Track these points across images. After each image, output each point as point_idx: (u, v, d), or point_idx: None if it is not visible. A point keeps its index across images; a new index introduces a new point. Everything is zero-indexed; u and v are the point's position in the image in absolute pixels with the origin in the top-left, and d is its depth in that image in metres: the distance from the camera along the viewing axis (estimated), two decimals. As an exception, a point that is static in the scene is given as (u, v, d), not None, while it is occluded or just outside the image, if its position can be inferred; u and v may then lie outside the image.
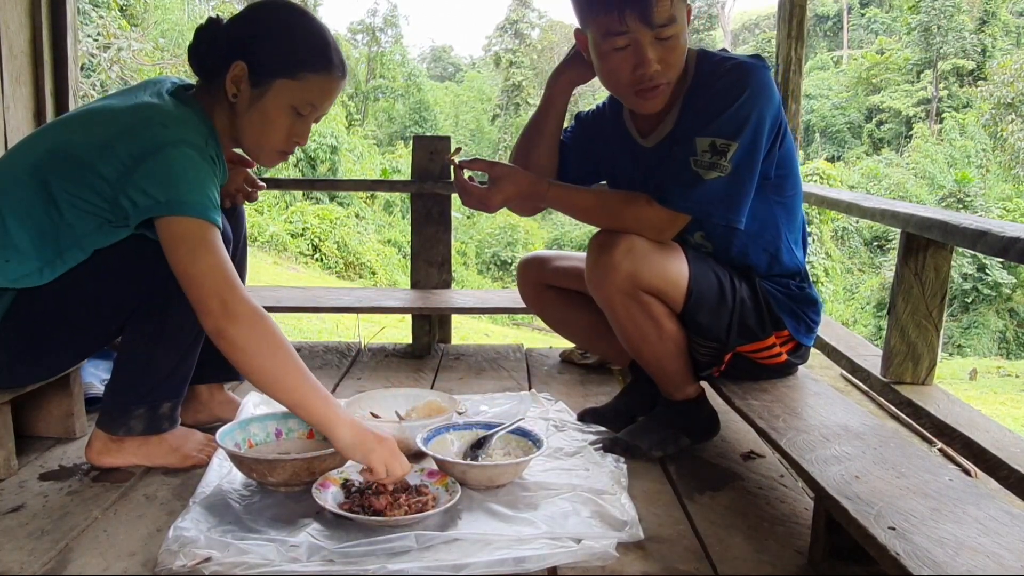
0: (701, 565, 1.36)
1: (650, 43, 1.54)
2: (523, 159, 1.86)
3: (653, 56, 1.55)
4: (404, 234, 18.24)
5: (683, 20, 1.56)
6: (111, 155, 1.42)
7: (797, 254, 1.77)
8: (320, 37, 1.54)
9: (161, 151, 1.40)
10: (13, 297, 1.49)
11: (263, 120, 1.53)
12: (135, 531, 1.42)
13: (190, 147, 1.42)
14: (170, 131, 1.43)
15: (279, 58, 1.50)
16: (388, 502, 1.42)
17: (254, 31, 1.52)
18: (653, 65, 1.56)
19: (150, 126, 1.43)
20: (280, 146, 1.58)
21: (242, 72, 1.50)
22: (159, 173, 1.39)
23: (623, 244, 1.60)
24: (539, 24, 33.79)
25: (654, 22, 1.52)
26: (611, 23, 1.54)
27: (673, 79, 1.61)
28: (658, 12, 1.51)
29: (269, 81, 1.51)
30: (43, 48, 2.70)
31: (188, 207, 1.39)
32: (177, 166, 1.40)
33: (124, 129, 1.44)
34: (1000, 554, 1.04)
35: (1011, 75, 21.01)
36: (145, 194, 1.39)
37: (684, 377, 1.80)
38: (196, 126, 1.49)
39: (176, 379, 1.65)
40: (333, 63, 1.54)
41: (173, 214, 1.39)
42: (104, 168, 1.42)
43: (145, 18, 13.93)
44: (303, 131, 1.58)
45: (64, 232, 1.47)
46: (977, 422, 1.76)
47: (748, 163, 1.56)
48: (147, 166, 1.39)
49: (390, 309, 2.86)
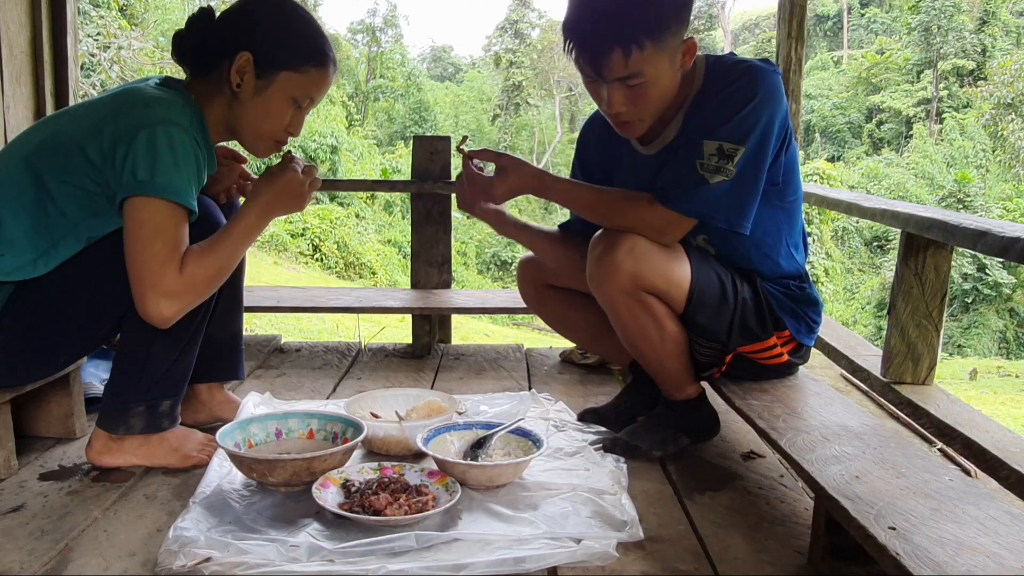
0: (701, 565, 1.36)
1: (612, 87, 1.53)
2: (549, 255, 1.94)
3: (617, 99, 1.54)
4: (404, 234, 18.24)
5: (661, 70, 1.51)
6: (97, 138, 1.45)
7: (797, 257, 1.77)
8: (320, 32, 1.62)
9: (144, 130, 1.43)
10: (10, 292, 1.50)
11: (265, 111, 1.58)
12: (135, 531, 1.42)
13: (174, 127, 1.45)
14: (153, 111, 1.46)
15: (285, 51, 1.55)
16: (388, 502, 1.42)
17: (258, 23, 1.55)
18: (615, 107, 1.56)
19: (134, 107, 1.47)
20: (277, 136, 1.63)
21: (247, 63, 1.53)
22: (141, 152, 1.42)
23: (626, 244, 1.60)
24: (539, 24, 33.78)
25: (606, 77, 1.52)
26: (578, 63, 1.55)
27: (648, 117, 1.59)
28: (609, 70, 1.50)
29: (274, 73, 1.55)
30: (43, 48, 2.70)
31: (163, 189, 1.42)
32: (158, 145, 1.43)
33: (109, 112, 1.47)
34: (1000, 554, 1.04)
35: (1011, 75, 20.99)
36: (127, 171, 1.42)
37: (685, 377, 1.80)
38: (181, 107, 1.51)
39: (175, 376, 1.65)
40: (330, 57, 1.61)
41: (148, 195, 1.42)
42: (91, 151, 1.45)
43: (145, 18, 13.93)
44: (298, 122, 1.64)
45: (58, 221, 1.48)
46: (977, 422, 1.76)
47: (754, 168, 1.55)
48: (131, 143, 1.42)
49: (390, 309, 2.87)
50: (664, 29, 1.47)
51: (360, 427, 1.68)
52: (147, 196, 1.42)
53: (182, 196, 1.45)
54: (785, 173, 1.65)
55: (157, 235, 1.43)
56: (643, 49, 1.47)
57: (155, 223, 1.43)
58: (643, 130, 1.62)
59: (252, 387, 2.27)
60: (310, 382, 2.41)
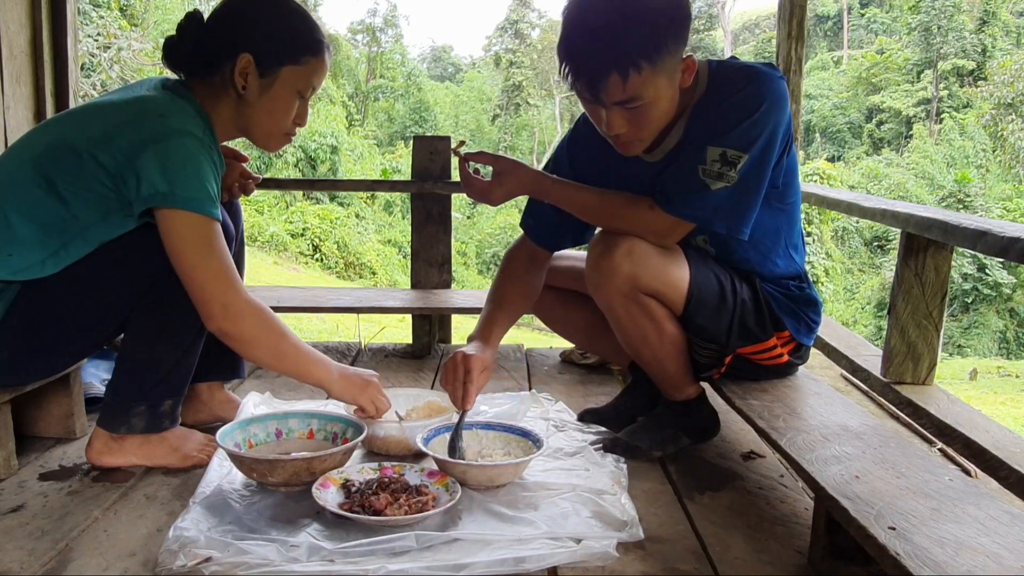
0: (701, 565, 1.36)
1: (611, 111, 1.51)
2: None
3: (616, 122, 1.52)
4: (404, 234, 18.24)
5: (660, 91, 1.48)
6: (110, 146, 1.44)
7: (796, 258, 1.77)
8: (311, 20, 1.64)
9: (161, 141, 1.42)
10: (17, 291, 1.50)
11: (273, 108, 1.59)
12: (135, 531, 1.42)
13: (190, 137, 1.45)
14: (169, 121, 1.46)
15: (284, 46, 1.56)
16: (388, 502, 1.42)
17: (254, 23, 1.56)
18: (615, 129, 1.53)
19: (149, 117, 1.46)
20: (287, 130, 1.65)
21: (249, 64, 1.54)
22: (159, 163, 1.42)
23: (624, 246, 1.59)
24: (539, 24, 33.80)
25: (605, 102, 1.49)
26: (575, 87, 1.52)
27: (648, 136, 1.57)
28: (607, 94, 1.47)
29: (277, 70, 1.56)
30: (43, 48, 2.70)
31: (189, 201, 1.42)
32: (178, 156, 1.43)
33: (122, 121, 1.47)
34: (1000, 554, 1.04)
35: (1011, 75, 21.00)
36: (147, 183, 1.42)
37: (684, 378, 1.80)
38: (193, 117, 1.51)
39: (177, 377, 1.65)
40: (324, 44, 1.63)
41: (174, 207, 1.42)
42: (104, 158, 1.45)
43: (145, 18, 13.93)
44: (304, 112, 1.65)
45: (69, 224, 1.48)
46: (977, 422, 1.76)
47: (756, 175, 1.54)
48: (148, 155, 1.42)
49: (390, 309, 2.86)
50: (662, 50, 1.44)
51: (360, 427, 1.68)
52: (175, 209, 1.42)
53: (208, 208, 1.44)
54: (785, 175, 1.64)
55: (210, 251, 1.44)
56: (641, 72, 1.43)
57: (195, 237, 1.43)
58: (643, 148, 1.60)
59: (252, 387, 2.27)
60: (310, 382, 2.41)
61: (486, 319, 1.79)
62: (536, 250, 1.86)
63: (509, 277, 1.85)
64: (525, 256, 1.86)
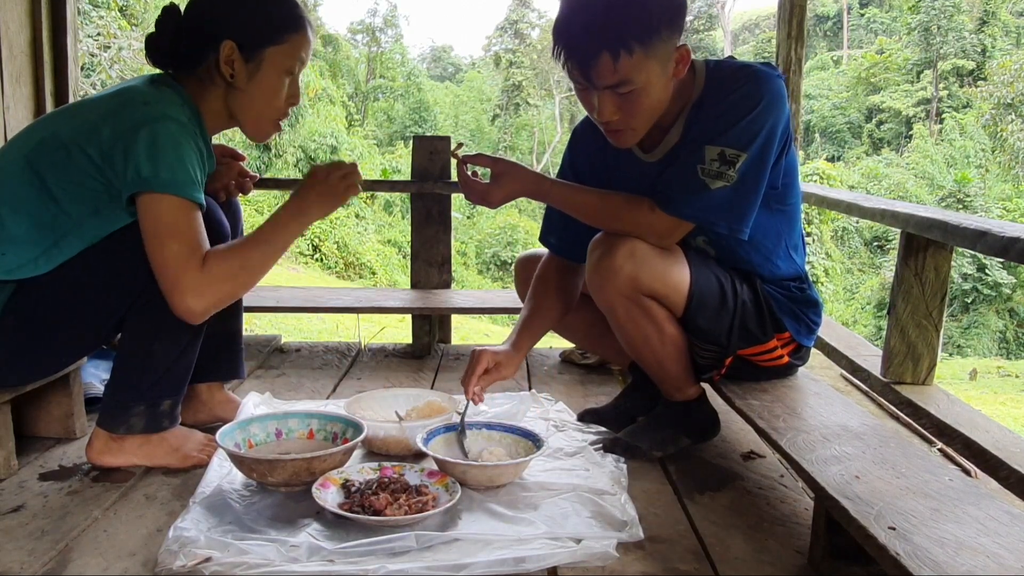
0: (701, 565, 1.36)
1: (602, 95, 1.51)
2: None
3: (607, 108, 1.52)
4: (404, 234, 18.23)
5: (652, 78, 1.48)
6: (96, 137, 1.45)
7: (796, 259, 1.77)
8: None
9: (144, 127, 1.43)
10: (11, 291, 1.50)
11: (263, 90, 1.59)
12: (135, 531, 1.42)
13: (172, 122, 1.46)
14: (152, 108, 1.47)
15: (264, 28, 1.57)
16: (388, 502, 1.42)
17: (230, 8, 1.56)
18: (606, 115, 1.54)
19: (132, 106, 1.48)
20: (280, 112, 1.64)
21: (232, 51, 1.55)
22: (143, 148, 1.42)
23: (624, 247, 1.59)
24: (539, 24, 33.77)
25: (597, 84, 1.49)
26: (566, 68, 1.52)
27: (640, 127, 1.57)
28: (598, 75, 1.47)
29: (260, 52, 1.57)
30: (43, 48, 2.69)
31: (169, 184, 1.43)
32: (160, 141, 1.43)
33: (107, 111, 1.48)
34: (1000, 554, 1.04)
35: (1011, 75, 20.99)
36: (132, 168, 1.43)
37: (684, 378, 1.80)
38: (178, 104, 1.51)
39: (176, 375, 1.65)
40: (303, 18, 1.63)
41: (154, 191, 1.43)
42: (91, 149, 1.46)
43: (145, 18, 13.91)
44: (295, 91, 1.65)
45: (61, 220, 1.49)
46: (977, 422, 1.76)
47: (755, 174, 1.54)
48: (131, 141, 1.43)
49: (390, 309, 2.87)
50: (654, 35, 1.45)
51: (360, 427, 1.68)
52: (155, 192, 1.43)
53: (189, 191, 1.45)
54: (785, 176, 1.64)
55: (173, 233, 1.44)
56: (632, 54, 1.44)
57: (168, 221, 1.44)
58: (635, 140, 1.61)
59: (252, 387, 2.27)
60: (310, 382, 2.41)
61: (517, 324, 1.85)
62: (564, 261, 1.87)
63: (543, 281, 1.87)
64: (554, 268, 1.87)
